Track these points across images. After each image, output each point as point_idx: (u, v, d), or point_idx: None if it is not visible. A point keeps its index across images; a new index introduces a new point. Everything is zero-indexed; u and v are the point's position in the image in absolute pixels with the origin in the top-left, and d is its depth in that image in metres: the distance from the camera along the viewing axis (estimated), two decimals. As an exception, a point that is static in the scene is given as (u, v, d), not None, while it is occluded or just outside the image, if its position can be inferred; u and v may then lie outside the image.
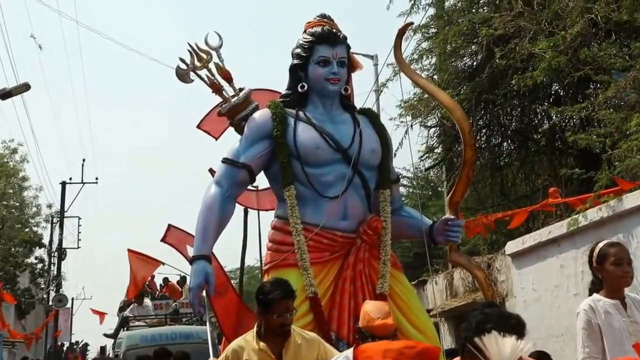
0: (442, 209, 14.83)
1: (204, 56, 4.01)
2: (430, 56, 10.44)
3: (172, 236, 4.79)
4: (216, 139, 4.48)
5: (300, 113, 3.82)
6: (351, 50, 3.99)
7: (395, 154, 8.25)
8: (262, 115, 3.83)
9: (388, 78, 10.80)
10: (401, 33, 4.14)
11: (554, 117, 9.03)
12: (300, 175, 3.70)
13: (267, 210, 4.68)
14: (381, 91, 11.89)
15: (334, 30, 3.87)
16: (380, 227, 3.73)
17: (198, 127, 4.47)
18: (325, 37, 3.82)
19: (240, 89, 4.01)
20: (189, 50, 4.00)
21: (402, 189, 17.47)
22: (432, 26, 10.62)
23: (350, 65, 3.98)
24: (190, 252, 3.91)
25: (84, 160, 27.93)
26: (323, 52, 3.81)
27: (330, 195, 3.68)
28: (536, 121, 10.33)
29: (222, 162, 3.81)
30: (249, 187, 4.24)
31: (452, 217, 3.90)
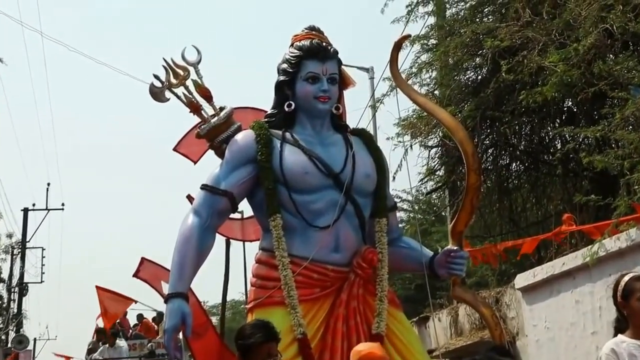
0: (445, 236, 14.84)
1: (181, 72, 4.01)
2: (430, 70, 10.50)
3: (146, 271, 4.76)
4: (195, 162, 4.48)
5: (287, 134, 3.84)
6: (344, 64, 4.01)
7: (394, 177, 8.29)
8: (245, 137, 3.83)
9: (385, 93, 10.86)
10: (397, 46, 4.16)
11: (567, 136, 9.07)
12: (287, 203, 3.70)
13: (252, 241, 4.66)
14: (377, 107, 11.94)
15: (324, 44, 3.89)
16: (376, 260, 3.73)
17: (175, 149, 4.47)
18: (315, 52, 3.84)
19: (221, 108, 4.01)
20: (164, 66, 4.01)
21: (402, 214, 17.64)
22: (432, 37, 10.70)
23: (342, 81, 4.01)
24: (166, 288, 3.89)
25: (48, 184, 27.79)
26: (312, 67, 3.83)
27: (321, 224, 3.68)
28: (547, 140, 10.38)
29: (201, 188, 3.80)
30: (232, 216, 4.23)
31: (456, 247, 3.90)
